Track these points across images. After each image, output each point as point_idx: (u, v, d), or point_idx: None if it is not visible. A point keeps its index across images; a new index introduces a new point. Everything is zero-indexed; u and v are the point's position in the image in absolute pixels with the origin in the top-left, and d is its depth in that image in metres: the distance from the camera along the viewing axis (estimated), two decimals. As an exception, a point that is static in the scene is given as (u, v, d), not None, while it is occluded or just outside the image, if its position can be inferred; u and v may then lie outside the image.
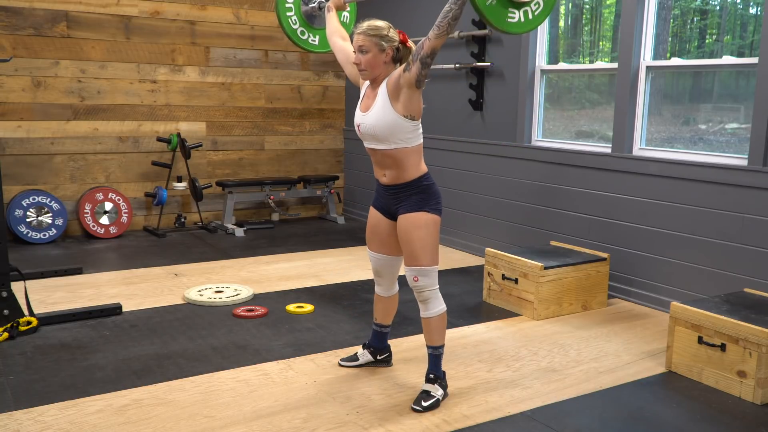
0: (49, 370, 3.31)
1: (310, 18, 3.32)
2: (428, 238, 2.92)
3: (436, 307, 2.99)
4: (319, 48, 3.39)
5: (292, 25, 3.24)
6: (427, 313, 2.99)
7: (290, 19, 3.23)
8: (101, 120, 6.34)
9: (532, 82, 5.34)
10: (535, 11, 2.43)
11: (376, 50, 2.85)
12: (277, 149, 7.30)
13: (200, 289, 4.60)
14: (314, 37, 3.34)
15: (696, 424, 2.93)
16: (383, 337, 3.37)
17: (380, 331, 3.36)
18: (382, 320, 3.33)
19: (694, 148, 4.38)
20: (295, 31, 3.28)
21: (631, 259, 4.60)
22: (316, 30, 3.35)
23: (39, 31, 5.96)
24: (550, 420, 2.91)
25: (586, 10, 5.37)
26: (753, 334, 3.10)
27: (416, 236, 2.91)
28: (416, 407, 2.95)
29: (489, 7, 2.32)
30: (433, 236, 2.94)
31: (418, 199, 2.94)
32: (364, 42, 2.85)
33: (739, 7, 4.39)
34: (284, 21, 3.23)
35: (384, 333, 3.36)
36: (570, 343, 3.83)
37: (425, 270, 2.94)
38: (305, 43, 3.33)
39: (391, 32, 2.88)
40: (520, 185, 5.43)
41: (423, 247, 2.91)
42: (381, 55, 2.85)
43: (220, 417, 2.86)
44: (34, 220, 5.91)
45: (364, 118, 2.93)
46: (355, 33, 2.90)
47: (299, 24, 3.26)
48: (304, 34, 3.30)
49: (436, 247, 2.97)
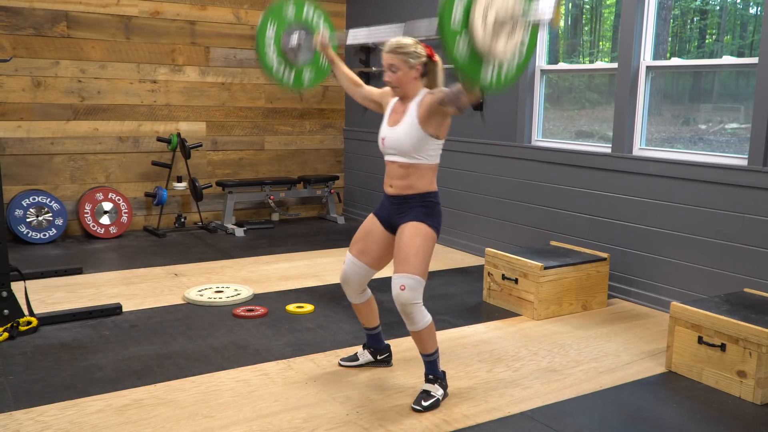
0: (49, 370, 3.31)
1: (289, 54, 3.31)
2: (424, 248, 2.91)
3: (421, 320, 2.93)
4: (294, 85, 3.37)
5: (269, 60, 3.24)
6: (415, 327, 2.94)
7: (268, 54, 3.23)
8: (101, 120, 6.34)
9: (532, 82, 5.34)
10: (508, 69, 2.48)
11: (406, 67, 2.88)
12: (277, 149, 7.30)
13: (200, 289, 4.60)
14: (290, 73, 3.33)
15: (696, 424, 2.93)
16: (377, 338, 3.38)
17: (371, 334, 3.36)
18: (368, 324, 3.33)
19: (694, 148, 4.38)
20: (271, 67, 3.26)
21: (631, 259, 4.60)
22: (293, 66, 3.34)
23: (39, 31, 5.96)
24: (550, 420, 2.91)
25: (586, 10, 5.37)
26: (753, 334, 3.10)
27: (414, 243, 2.90)
28: (416, 407, 2.95)
29: (463, 63, 2.37)
30: (428, 249, 2.93)
31: (422, 212, 2.94)
32: (393, 60, 2.88)
33: (739, 7, 4.39)
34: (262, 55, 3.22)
35: (376, 335, 3.36)
36: (570, 343, 3.83)
37: (414, 278, 2.86)
38: (281, 80, 3.31)
39: (419, 48, 2.90)
40: (520, 185, 5.43)
41: (417, 254, 2.89)
42: (411, 72, 2.89)
43: (220, 417, 2.86)
44: (34, 220, 5.91)
45: (390, 132, 2.96)
46: (383, 52, 2.92)
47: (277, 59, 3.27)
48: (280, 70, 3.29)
49: (428, 261, 2.94)
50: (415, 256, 2.88)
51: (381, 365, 3.41)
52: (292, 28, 3.26)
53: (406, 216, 2.95)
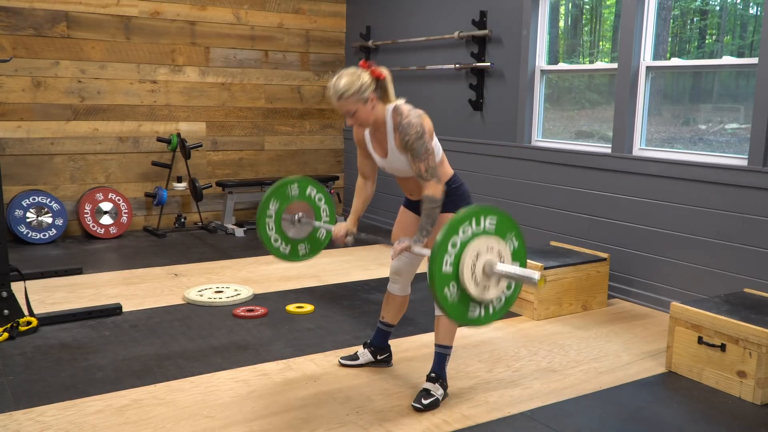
0: (49, 370, 3.31)
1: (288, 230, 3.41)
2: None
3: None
4: (288, 258, 3.47)
5: (268, 234, 3.35)
6: (439, 312, 2.99)
7: (268, 228, 3.35)
8: (101, 120, 6.34)
9: (532, 82, 5.34)
10: (497, 306, 2.57)
11: (361, 105, 2.77)
12: (277, 149, 7.30)
13: (200, 290, 4.60)
14: (286, 246, 3.43)
15: (696, 424, 2.93)
16: (386, 337, 3.38)
17: (385, 330, 3.36)
18: (391, 320, 3.34)
19: (694, 149, 4.38)
20: (270, 240, 3.37)
21: (631, 259, 4.60)
22: (289, 240, 3.45)
23: (39, 31, 5.96)
24: (550, 420, 2.91)
25: (586, 10, 5.37)
26: (753, 334, 3.10)
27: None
28: (416, 405, 2.95)
29: (451, 304, 2.45)
30: None
31: (449, 201, 2.93)
32: (347, 107, 2.77)
33: (739, 8, 4.39)
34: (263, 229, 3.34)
35: (388, 333, 3.37)
36: (570, 344, 3.83)
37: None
38: (278, 253, 3.41)
39: (363, 78, 2.76)
40: (520, 185, 5.43)
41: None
42: (367, 105, 2.78)
43: (219, 417, 2.86)
44: (34, 220, 5.91)
45: (385, 162, 2.97)
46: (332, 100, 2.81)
47: (275, 233, 3.38)
48: (277, 241, 3.39)
49: None
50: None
51: (381, 365, 3.41)
52: (293, 206, 3.39)
53: None
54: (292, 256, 3.47)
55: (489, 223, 2.49)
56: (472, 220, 2.45)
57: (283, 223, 3.39)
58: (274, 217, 3.35)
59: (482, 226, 2.48)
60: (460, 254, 2.42)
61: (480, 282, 2.45)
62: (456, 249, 2.42)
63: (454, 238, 2.42)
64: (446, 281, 2.43)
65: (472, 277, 2.43)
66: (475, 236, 2.45)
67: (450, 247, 2.41)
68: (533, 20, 5.25)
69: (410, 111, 2.82)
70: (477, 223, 2.46)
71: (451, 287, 2.44)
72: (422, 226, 2.80)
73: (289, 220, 3.40)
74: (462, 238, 2.43)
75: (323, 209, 3.51)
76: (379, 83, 2.82)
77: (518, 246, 2.61)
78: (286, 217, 3.39)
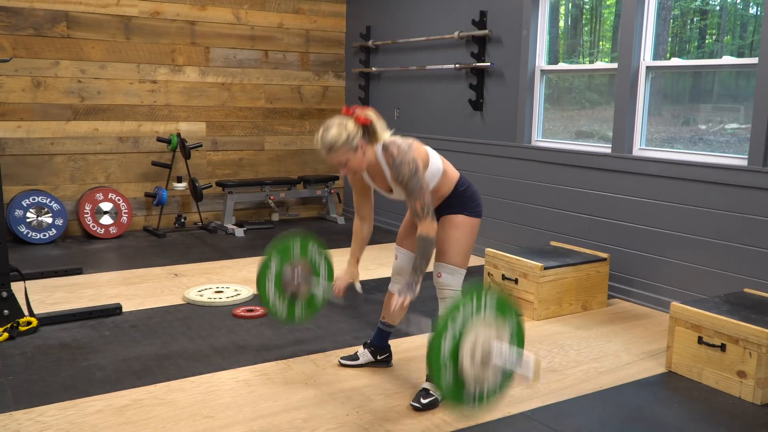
0: (49, 370, 3.31)
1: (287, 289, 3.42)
2: (463, 239, 2.98)
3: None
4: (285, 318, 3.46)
5: (267, 292, 3.36)
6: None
7: (267, 286, 3.35)
8: (101, 120, 6.34)
9: (532, 82, 5.34)
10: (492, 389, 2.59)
11: (351, 154, 2.74)
12: (277, 149, 7.30)
13: (200, 290, 4.60)
14: (283, 305, 3.42)
15: (696, 424, 2.93)
16: (386, 337, 3.38)
17: (385, 330, 3.36)
18: (391, 320, 3.34)
19: (694, 149, 4.38)
20: (268, 298, 3.36)
21: (631, 259, 4.60)
22: (287, 299, 3.44)
23: (39, 31, 5.96)
24: (550, 420, 2.91)
25: (586, 10, 5.37)
26: (753, 334, 3.10)
27: (450, 235, 2.98)
28: (415, 404, 2.95)
29: (447, 385, 2.47)
30: (467, 238, 2.99)
31: (459, 203, 2.99)
32: (337, 158, 2.75)
33: (739, 8, 4.39)
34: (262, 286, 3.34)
35: (388, 333, 3.37)
36: (570, 344, 3.83)
37: (450, 268, 2.97)
38: (275, 312, 3.39)
39: (349, 128, 2.73)
40: (520, 185, 5.43)
41: (452, 245, 2.97)
42: (358, 153, 2.76)
43: (220, 417, 2.86)
44: (34, 220, 5.91)
45: (393, 196, 2.98)
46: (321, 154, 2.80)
47: (274, 291, 3.38)
48: (276, 303, 3.38)
49: (468, 250, 3.01)
50: (451, 247, 2.97)
51: (381, 365, 3.41)
52: (293, 265, 3.38)
53: (445, 210, 3.03)
54: (288, 317, 3.49)
55: (489, 305, 2.53)
56: (472, 301, 2.48)
57: (283, 282, 3.40)
58: (274, 275, 3.36)
59: (483, 307, 2.51)
60: (459, 336, 2.46)
61: (477, 365, 2.49)
62: (456, 330, 2.45)
63: (454, 319, 2.45)
64: (444, 362, 2.46)
65: (471, 362, 2.47)
66: (475, 318, 2.49)
67: (450, 329, 2.44)
68: (533, 20, 5.25)
69: (400, 147, 2.75)
70: (477, 305, 2.49)
71: (448, 368, 2.47)
72: (416, 265, 2.80)
73: (288, 280, 3.40)
74: (462, 320, 2.46)
75: (323, 269, 3.54)
76: (366, 128, 2.78)
77: (518, 328, 2.65)
78: (286, 276, 3.39)
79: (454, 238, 2.97)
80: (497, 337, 2.51)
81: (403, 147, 2.76)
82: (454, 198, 3.01)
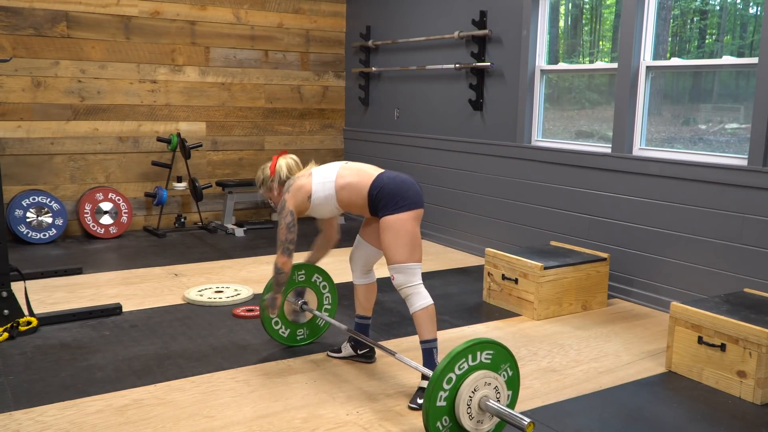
0: (49, 370, 3.31)
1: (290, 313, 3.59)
2: (394, 238, 3.02)
3: (418, 302, 3.03)
4: (287, 341, 3.62)
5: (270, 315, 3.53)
6: (412, 309, 3.06)
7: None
8: (101, 120, 6.34)
9: (532, 82, 5.34)
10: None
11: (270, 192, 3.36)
12: (277, 149, 7.30)
13: (200, 289, 4.60)
14: (285, 330, 3.60)
15: (696, 424, 2.93)
16: (364, 330, 3.42)
17: (360, 323, 3.43)
18: (361, 311, 3.41)
19: (694, 148, 4.38)
20: (270, 322, 3.54)
21: (631, 259, 4.60)
22: (288, 324, 3.60)
23: (39, 31, 5.96)
24: (550, 420, 2.91)
25: (586, 10, 5.37)
26: (753, 334, 3.10)
27: (383, 239, 3.06)
28: (412, 405, 2.96)
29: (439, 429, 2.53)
30: (398, 235, 3.01)
31: (381, 206, 3.07)
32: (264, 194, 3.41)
33: (739, 7, 4.39)
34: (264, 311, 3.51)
35: (364, 325, 3.43)
36: (570, 344, 3.83)
37: (398, 267, 3.01)
38: (275, 333, 3.57)
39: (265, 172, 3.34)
40: (520, 185, 5.43)
41: (389, 247, 3.03)
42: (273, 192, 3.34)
43: (220, 417, 2.86)
44: (34, 220, 5.91)
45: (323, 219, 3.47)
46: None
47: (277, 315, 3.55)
48: (278, 324, 3.56)
49: (407, 243, 3.02)
50: (389, 249, 3.04)
51: (362, 360, 3.45)
52: (297, 290, 3.59)
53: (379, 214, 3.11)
54: (289, 340, 3.63)
55: (485, 357, 2.57)
56: (468, 355, 2.52)
57: (286, 306, 3.57)
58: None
59: (478, 360, 2.55)
60: (455, 389, 2.50)
61: (475, 416, 2.53)
62: (451, 385, 2.49)
63: (449, 375, 2.48)
64: (439, 416, 2.49)
65: (467, 412, 2.51)
66: (472, 371, 2.52)
67: (445, 384, 2.47)
68: (533, 20, 5.25)
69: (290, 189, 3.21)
70: (473, 358, 2.53)
71: (444, 421, 2.51)
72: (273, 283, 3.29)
73: (291, 305, 3.58)
74: (457, 374, 2.49)
75: (326, 297, 3.70)
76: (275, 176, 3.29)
77: (512, 375, 2.68)
78: (290, 301, 3.56)
79: (386, 241, 3.03)
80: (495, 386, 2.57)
81: (292, 189, 3.20)
82: (372, 204, 3.09)
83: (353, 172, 3.17)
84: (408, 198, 3.05)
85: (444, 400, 2.48)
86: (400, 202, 3.04)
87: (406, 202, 3.04)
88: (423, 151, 6.40)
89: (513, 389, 2.70)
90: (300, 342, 3.66)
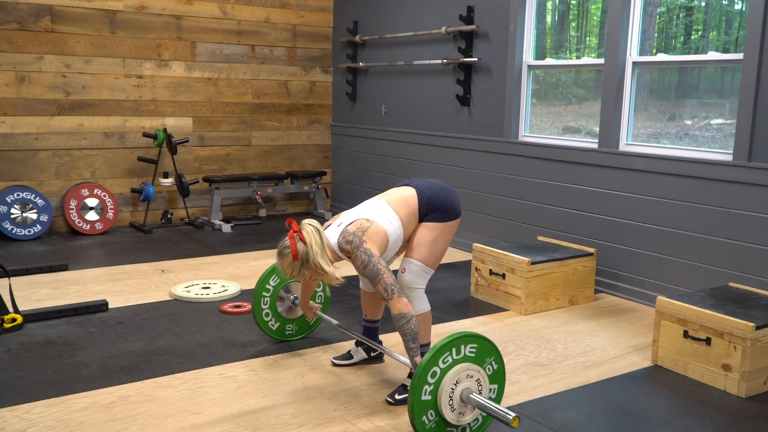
0: (35, 367, 3.28)
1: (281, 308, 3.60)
2: (434, 242, 3.01)
3: (418, 305, 3.01)
4: (275, 334, 3.62)
5: (262, 308, 3.53)
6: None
7: (263, 303, 3.52)
8: (86, 115, 6.29)
9: (519, 77, 5.35)
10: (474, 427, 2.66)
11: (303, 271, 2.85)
12: (264, 145, 7.27)
13: (187, 286, 4.58)
14: (275, 323, 3.60)
15: (681, 417, 2.95)
16: (373, 333, 3.37)
17: (370, 327, 3.36)
18: (371, 315, 3.34)
19: (680, 144, 4.41)
20: (262, 314, 3.54)
21: (618, 253, 4.62)
22: (279, 317, 3.60)
23: (23, 25, 5.90)
24: (538, 414, 2.92)
25: (573, 5, 5.38)
26: (738, 328, 3.13)
27: (422, 233, 3.02)
28: (389, 399, 2.96)
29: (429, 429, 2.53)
30: (438, 241, 3.02)
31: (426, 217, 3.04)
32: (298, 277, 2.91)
33: (724, 4, 4.41)
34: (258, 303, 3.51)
35: (374, 329, 3.37)
36: (557, 338, 3.84)
37: (416, 264, 2.98)
38: (264, 324, 3.57)
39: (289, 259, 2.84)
40: (507, 180, 5.44)
41: (422, 242, 3.00)
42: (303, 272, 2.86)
43: (207, 413, 2.85)
44: (19, 216, 5.86)
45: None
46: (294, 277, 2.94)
47: (268, 308, 3.55)
48: (268, 316, 3.56)
49: (438, 251, 3.03)
50: (422, 243, 3.00)
51: (374, 362, 3.41)
52: (290, 286, 3.57)
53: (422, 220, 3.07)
54: (277, 334, 3.63)
55: (470, 350, 2.58)
56: (452, 348, 2.53)
57: (278, 300, 3.57)
58: (271, 292, 3.53)
59: (462, 353, 2.55)
60: (438, 383, 2.51)
61: (457, 408, 2.55)
62: (435, 378, 2.50)
63: (434, 368, 2.49)
64: (425, 409, 2.50)
65: (449, 404, 2.52)
66: (455, 363, 2.53)
67: (429, 377, 2.48)
68: (520, 16, 5.26)
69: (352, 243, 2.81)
70: (457, 351, 2.54)
71: (429, 415, 2.52)
72: (407, 347, 2.75)
73: (283, 299, 3.58)
74: (441, 367, 2.51)
75: (318, 296, 3.70)
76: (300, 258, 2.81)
77: (497, 368, 2.69)
78: (282, 295, 3.56)
79: (424, 235, 3.00)
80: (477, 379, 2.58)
81: (355, 242, 2.81)
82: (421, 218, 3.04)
83: (396, 201, 3.03)
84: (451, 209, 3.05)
85: (429, 393, 2.49)
86: (448, 210, 3.04)
87: (451, 212, 3.05)
88: (410, 146, 6.40)
89: (498, 383, 2.71)
90: (288, 337, 3.65)
